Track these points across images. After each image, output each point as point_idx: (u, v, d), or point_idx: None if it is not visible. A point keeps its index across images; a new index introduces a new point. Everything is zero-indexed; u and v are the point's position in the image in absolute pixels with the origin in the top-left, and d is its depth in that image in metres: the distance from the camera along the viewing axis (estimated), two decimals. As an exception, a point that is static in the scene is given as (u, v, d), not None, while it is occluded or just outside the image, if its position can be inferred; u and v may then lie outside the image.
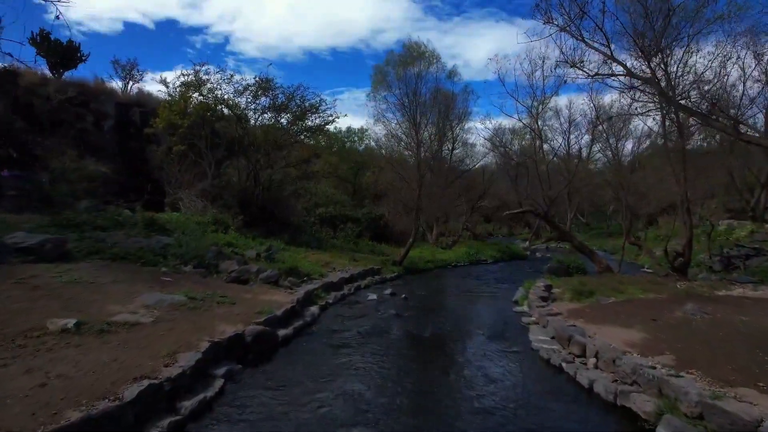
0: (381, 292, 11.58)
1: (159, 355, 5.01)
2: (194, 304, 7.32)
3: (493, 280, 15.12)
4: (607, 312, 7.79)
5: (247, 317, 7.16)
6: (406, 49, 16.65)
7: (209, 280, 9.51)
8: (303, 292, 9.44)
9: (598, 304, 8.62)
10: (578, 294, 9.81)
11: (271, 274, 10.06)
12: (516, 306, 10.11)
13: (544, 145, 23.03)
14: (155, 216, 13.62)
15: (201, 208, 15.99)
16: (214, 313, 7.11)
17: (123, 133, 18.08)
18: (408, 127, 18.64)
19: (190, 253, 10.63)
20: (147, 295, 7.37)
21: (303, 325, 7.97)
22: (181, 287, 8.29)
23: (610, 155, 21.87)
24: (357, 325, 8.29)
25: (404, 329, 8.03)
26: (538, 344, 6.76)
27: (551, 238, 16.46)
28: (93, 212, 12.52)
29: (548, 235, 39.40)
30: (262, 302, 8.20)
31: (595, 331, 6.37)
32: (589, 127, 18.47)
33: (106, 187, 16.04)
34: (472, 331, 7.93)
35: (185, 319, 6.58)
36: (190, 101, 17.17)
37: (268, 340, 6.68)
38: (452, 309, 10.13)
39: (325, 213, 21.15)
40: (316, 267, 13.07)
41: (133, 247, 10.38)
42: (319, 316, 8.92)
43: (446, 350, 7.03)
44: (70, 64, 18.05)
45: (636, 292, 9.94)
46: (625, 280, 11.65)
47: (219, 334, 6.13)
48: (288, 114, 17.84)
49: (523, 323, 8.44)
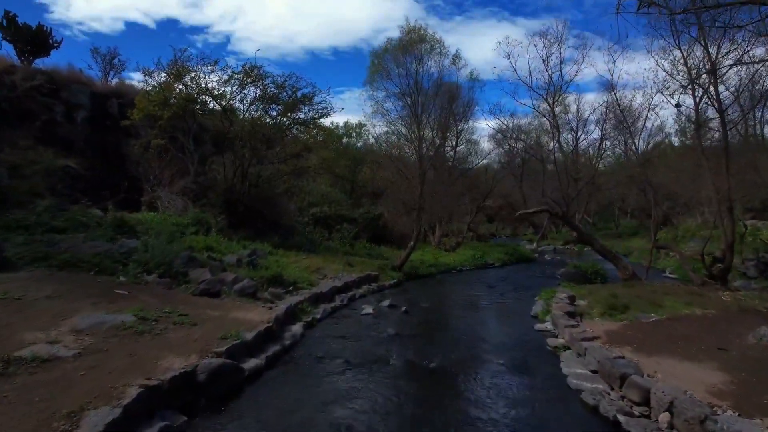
0: (378, 304, 10.09)
1: (56, 415, 3.53)
2: (143, 327, 5.84)
3: (503, 287, 13.62)
4: (655, 335, 6.30)
5: (207, 344, 5.68)
6: (405, 33, 15.11)
7: (174, 293, 8.03)
8: (284, 308, 7.94)
9: (640, 324, 7.13)
10: (610, 308, 8.33)
11: (248, 284, 8.57)
12: (537, 322, 8.62)
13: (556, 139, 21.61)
14: (126, 216, 12.16)
15: (181, 207, 14.51)
16: (166, 340, 5.63)
17: (98, 126, 16.57)
18: (409, 117, 17.10)
19: (157, 260, 9.16)
20: (84, 316, 5.89)
21: (280, 352, 6.48)
22: (135, 303, 6.82)
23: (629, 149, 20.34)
24: (347, 351, 6.80)
25: (405, 357, 6.54)
26: (576, 381, 5.27)
27: (570, 241, 14.93)
28: (53, 212, 11.01)
29: (554, 236, 38.05)
30: (231, 322, 6.72)
31: (655, 368, 4.87)
32: (602, 118, 16.87)
33: (76, 185, 14.54)
34: (489, 359, 6.43)
35: (123, 349, 5.10)
36: (173, 91, 15.68)
37: (230, 376, 5.20)
38: (461, 326, 8.63)
39: (320, 213, 19.66)
40: (305, 274, 11.59)
41: (89, 253, 8.92)
42: (303, 337, 7.44)
43: (459, 389, 5.53)
44: (42, 51, 16.56)
45: (677, 306, 8.45)
46: (659, 290, 10.16)
47: (161, 372, 4.65)
48: (279, 105, 16.34)
49: (550, 347, 6.95)
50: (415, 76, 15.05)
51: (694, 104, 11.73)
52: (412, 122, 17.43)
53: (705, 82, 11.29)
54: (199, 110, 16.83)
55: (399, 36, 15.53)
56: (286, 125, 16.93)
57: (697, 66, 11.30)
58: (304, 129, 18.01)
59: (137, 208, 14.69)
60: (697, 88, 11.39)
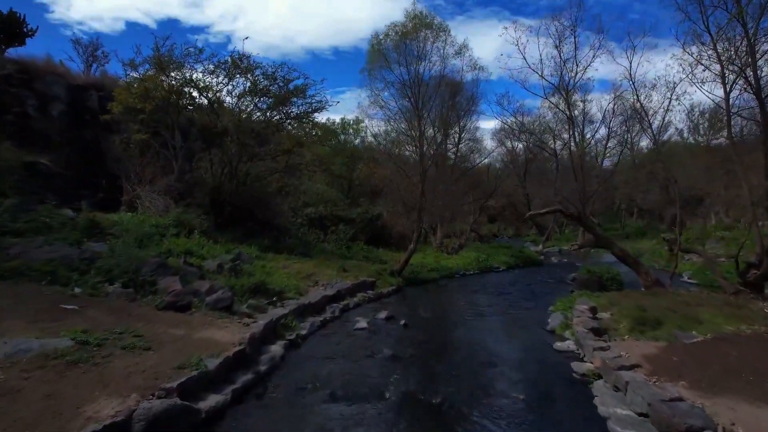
0: (374, 316, 8.97)
1: None
2: (79, 355, 4.73)
3: (512, 294, 12.49)
4: (708, 363, 5.18)
5: (157, 377, 4.57)
6: (410, 19, 13.94)
7: (135, 306, 6.92)
8: (264, 324, 6.83)
9: (683, 346, 6.00)
10: (640, 323, 7.21)
11: (223, 296, 7.45)
12: (556, 340, 7.49)
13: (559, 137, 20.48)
14: (98, 217, 11.05)
15: (162, 207, 13.38)
16: (104, 372, 4.52)
17: (76, 120, 15.49)
18: (409, 112, 15.96)
19: (122, 267, 8.06)
20: (6, 341, 4.78)
21: (252, 382, 5.36)
22: (81, 321, 5.72)
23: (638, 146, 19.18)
24: (334, 378, 5.68)
25: (403, 388, 5.42)
26: (621, 430, 4.13)
27: (584, 245, 13.78)
28: (14, 212, 9.89)
29: (558, 237, 36.86)
30: (195, 344, 5.61)
31: (731, 418, 3.75)
32: (609, 113, 15.60)
33: (50, 183, 13.47)
34: (505, 392, 5.31)
35: (41, 388, 3.99)
36: (155, 82, 14.57)
37: (180, 421, 4.09)
38: (468, 345, 7.49)
39: (315, 213, 18.54)
40: (294, 281, 10.49)
41: (44, 260, 7.81)
42: (283, 360, 6.31)
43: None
44: (15, 40, 15.45)
45: (717, 320, 7.34)
46: (690, 300, 9.03)
47: (80, 425, 3.54)
48: (270, 98, 15.22)
49: (577, 374, 5.82)
50: (416, 63, 13.87)
51: (724, 93, 10.62)
52: (413, 116, 16.29)
53: (737, 68, 10.20)
54: (185, 103, 15.75)
55: (402, 21, 14.35)
56: (278, 120, 15.81)
57: (728, 50, 10.21)
58: (298, 124, 16.93)
59: (117, 209, 13.60)
60: (729, 75, 10.29)
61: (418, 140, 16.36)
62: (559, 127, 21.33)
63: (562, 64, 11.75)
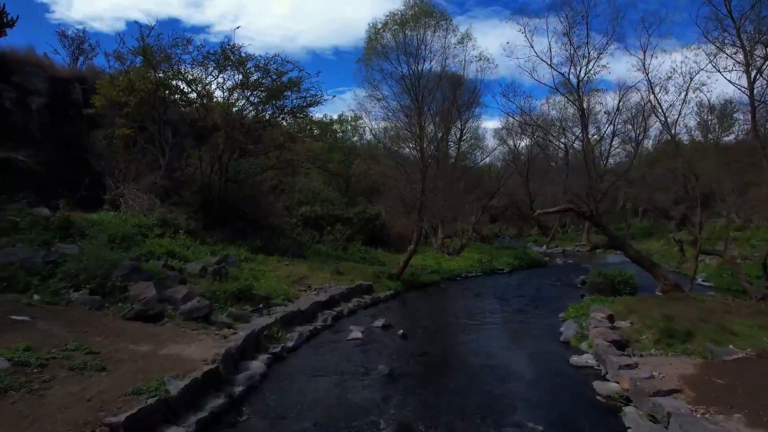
0: (370, 325, 8.18)
1: None
2: (12, 380, 3.96)
3: (518, 299, 11.70)
4: (763, 387, 4.39)
5: (104, 406, 3.79)
6: (409, 7, 13.14)
7: (99, 316, 6.15)
8: (244, 335, 6.05)
9: (724, 364, 5.22)
10: (668, 335, 6.43)
11: (200, 304, 6.67)
12: (571, 353, 6.69)
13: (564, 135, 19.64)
14: (74, 217, 10.26)
15: (146, 206, 12.60)
16: (39, 402, 3.74)
17: (58, 114, 14.70)
18: (409, 105, 15.17)
19: (90, 271, 7.28)
20: (-74, 363, 4.00)
21: (223, 408, 4.57)
22: (28, 335, 4.94)
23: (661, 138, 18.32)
24: (320, 404, 4.89)
25: (399, 417, 4.62)
26: (668, 476, 3.36)
27: (596, 246, 12.96)
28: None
29: (561, 237, 36.04)
30: (160, 362, 4.83)
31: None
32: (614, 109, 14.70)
33: (28, 181, 12.67)
34: (520, 423, 4.51)
35: (-50, 427, 3.21)
36: (141, 74, 13.80)
37: (123, 468, 3.30)
38: (474, 359, 6.70)
39: (310, 212, 17.73)
40: (284, 285, 9.71)
41: (1, 263, 7.02)
42: (264, 378, 5.52)
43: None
44: (-6, 30, 14.62)
45: (753, 331, 6.59)
46: (715, 307, 8.27)
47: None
48: (262, 91, 14.42)
49: (601, 396, 5.04)
50: (416, 52, 13.07)
51: (748, 82, 9.86)
52: (412, 111, 15.50)
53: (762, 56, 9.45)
54: (173, 96, 14.98)
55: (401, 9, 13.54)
56: (270, 114, 15.02)
57: (755, 37, 9.46)
58: (292, 119, 16.14)
59: (99, 207, 12.82)
60: (754, 62, 9.54)
61: (419, 136, 15.58)
62: (567, 121, 20.48)
63: (573, 52, 10.95)
